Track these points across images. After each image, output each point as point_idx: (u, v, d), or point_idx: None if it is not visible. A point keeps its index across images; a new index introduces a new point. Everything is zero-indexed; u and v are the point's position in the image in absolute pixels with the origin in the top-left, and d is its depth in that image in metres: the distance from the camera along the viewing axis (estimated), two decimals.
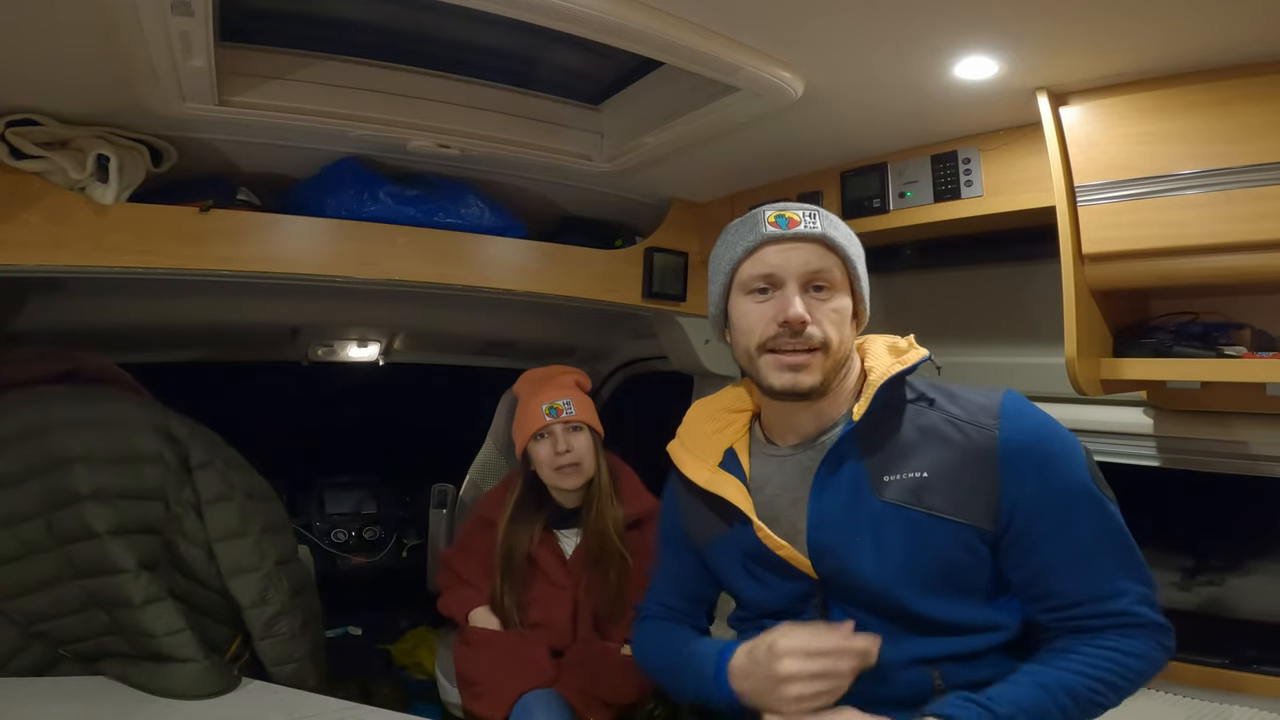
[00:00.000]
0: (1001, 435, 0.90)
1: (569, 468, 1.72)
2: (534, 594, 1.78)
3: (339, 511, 2.95)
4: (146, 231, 1.51)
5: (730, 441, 1.08)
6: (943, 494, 0.90)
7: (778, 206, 0.97)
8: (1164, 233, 1.19)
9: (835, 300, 0.95)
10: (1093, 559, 0.89)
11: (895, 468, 0.93)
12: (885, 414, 0.95)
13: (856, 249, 0.99)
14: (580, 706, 1.65)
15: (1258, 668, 1.35)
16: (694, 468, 1.08)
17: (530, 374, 1.90)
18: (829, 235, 0.95)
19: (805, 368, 0.93)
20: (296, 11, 1.42)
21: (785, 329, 0.92)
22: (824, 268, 0.94)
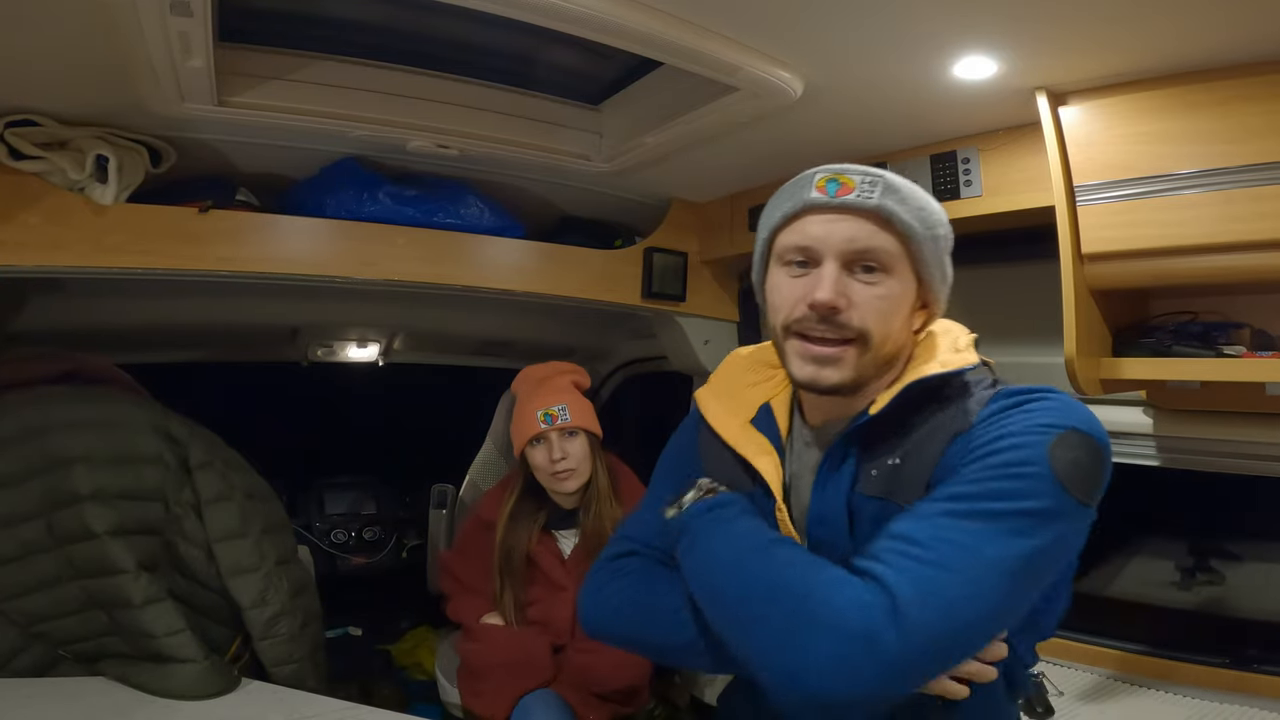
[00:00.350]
0: (981, 414, 0.78)
1: (565, 473, 1.73)
2: (533, 594, 1.78)
3: (339, 512, 2.95)
4: (146, 232, 1.51)
5: (769, 396, 0.95)
6: (899, 480, 0.81)
7: (835, 168, 0.82)
8: (1163, 232, 1.19)
9: (886, 285, 0.80)
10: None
11: (881, 457, 0.83)
12: (904, 412, 0.82)
13: (927, 227, 0.82)
14: (579, 706, 1.65)
15: (1258, 667, 1.35)
16: (723, 419, 0.95)
17: (528, 372, 1.89)
18: (887, 207, 0.79)
19: (834, 361, 0.80)
20: (295, 12, 1.42)
21: (813, 313, 0.79)
22: (874, 246, 0.79)
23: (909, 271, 0.82)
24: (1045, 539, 0.72)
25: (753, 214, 1.95)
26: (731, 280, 2.20)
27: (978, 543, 0.71)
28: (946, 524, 0.72)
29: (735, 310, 2.21)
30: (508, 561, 1.77)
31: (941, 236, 0.84)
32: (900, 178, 0.82)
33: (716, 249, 2.08)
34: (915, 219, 0.81)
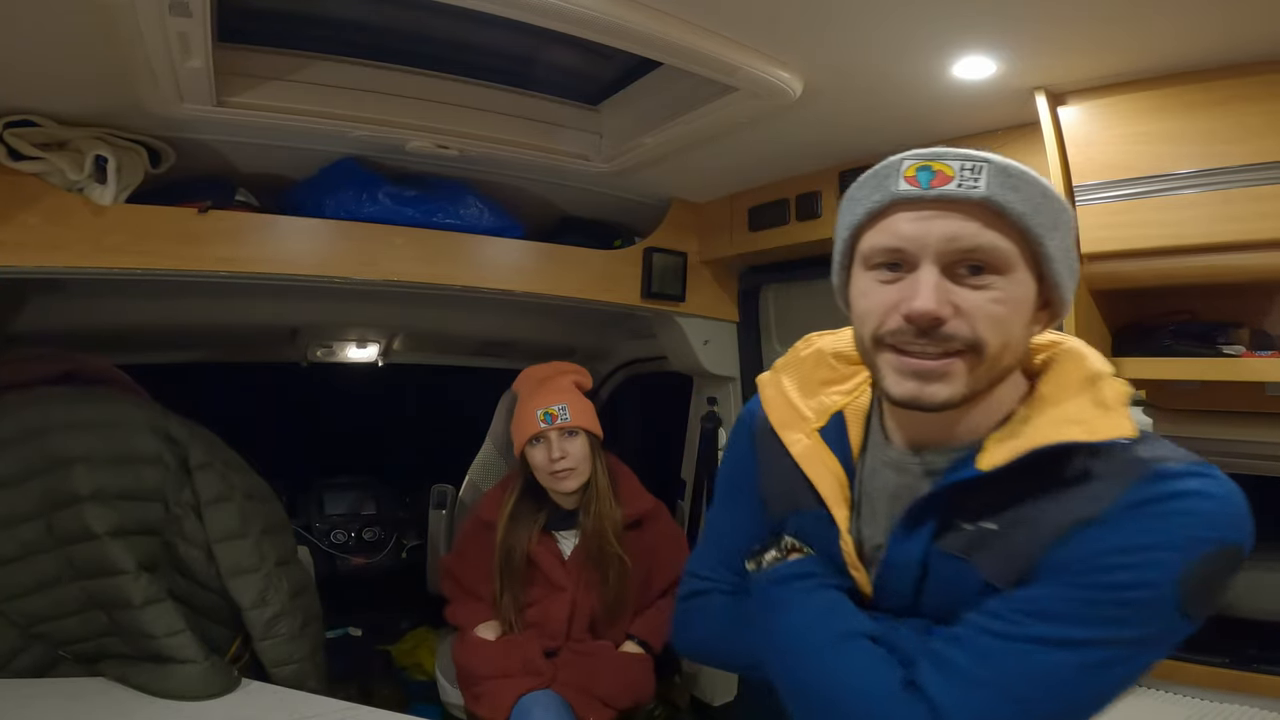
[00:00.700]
0: (1115, 501, 0.64)
1: (564, 473, 1.73)
2: (532, 594, 1.78)
3: (338, 512, 2.95)
4: (145, 232, 1.51)
5: (843, 403, 0.83)
6: (994, 552, 0.69)
7: (926, 152, 0.70)
8: (1162, 232, 1.19)
9: (1000, 288, 0.67)
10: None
11: (976, 515, 0.71)
12: (1019, 472, 0.68)
13: (1049, 216, 0.68)
14: (579, 706, 1.65)
15: (1258, 667, 1.35)
16: (789, 425, 0.84)
17: (530, 372, 1.90)
18: (996, 199, 0.66)
19: (940, 376, 0.67)
20: (295, 12, 1.42)
21: (910, 325, 0.67)
22: (982, 244, 0.66)
23: (1027, 270, 0.68)
24: (1137, 667, 0.64)
25: (752, 214, 1.95)
26: (731, 280, 2.20)
27: (1061, 682, 0.63)
28: (1031, 653, 0.64)
29: (735, 310, 2.21)
30: (507, 562, 1.77)
31: (1066, 223, 0.71)
32: (1009, 159, 0.69)
33: (716, 249, 2.08)
34: (1032, 208, 0.67)
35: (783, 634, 0.78)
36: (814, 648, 0.74)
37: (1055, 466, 0.68)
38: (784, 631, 0.78)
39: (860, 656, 0.72)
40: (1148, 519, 0.63)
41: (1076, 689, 0.64)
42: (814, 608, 0.77)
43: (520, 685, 1.65)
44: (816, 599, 0.77)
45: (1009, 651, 0.64)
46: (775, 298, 2.21)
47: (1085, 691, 0.64)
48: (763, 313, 2.22)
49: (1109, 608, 0.63)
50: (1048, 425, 0.69)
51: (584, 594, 1.75)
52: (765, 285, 2.19)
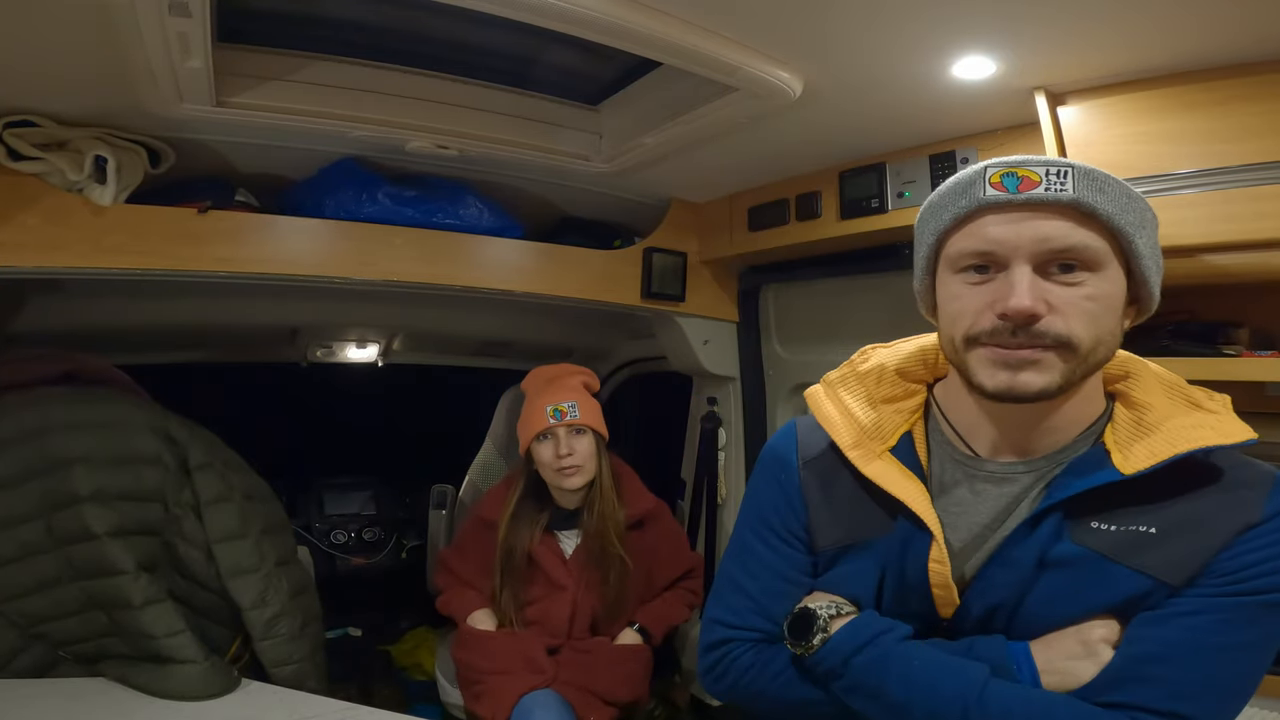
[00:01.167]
0: (1266, 511, 0.71)
1: (570, 470, 1.73)
2: (533, 593, 1.79)
3: (338, 512, 2.95)
4: (145, 233, 1.51)
5: (909, 423, 0.84)
6: (1160, 552, 0.72)
7: (1009, 160, 0.72)
8: (1162, 232, 1.17)
9: (1092, 285, 0.70)
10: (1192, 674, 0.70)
11: (1111, 519, 0.73)
12: (1155, 475, 0.72)
13: (1136, 215, 0.72)
14: (580, 706, 1.65)
15: None
16: (859, 444, 0.83)
17: (539, 371, 1.91)
18: (1086, 200, 0.69)
19: (1034, 364, 0.70)
20: (294, 12, 1.42)
21: (1005, 322, 0.70)
22: (1074, 245, 0.70)
23: (1118, 267, 0.72)
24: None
25: (752, 214, 1.95)
26: (731, 280, 2.20)
27: (1250, 678, 0.72)
28: (1233, 661, 0.72)
29: (734, 310, 2.21)
30: (509, 560, 1.78)
31: (1151, 220, 0.74)
32: (1089, 166, 0.71)
33: (716, 249, 2.08)
34: (1119, 207, 0.71)
35: (906, 703, 0.75)
36: (956, 706, 0.73)
37: (1185, 470, 0.73)
38: (906, 700, 0.75)
39: (1012, 698, 0.72)
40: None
41: (1257, 679, 0.72)
42: (920, 665, 0.76)
43: (521, 684, 1.65)
44: (916, 655, 0.77)
45: (1215, 661, 0.70)
46: (775, 298, 2.21)
47: (1258, 679, 0.73)
48: (763, 313, 2.22)
49: (1275, 609, 0.71)
50: (1179, 430, 0.73)
51: (585, 593, 1.76)
52: (765, 285, 2.19)
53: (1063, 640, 0.75)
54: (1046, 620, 0.76)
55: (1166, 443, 0.72)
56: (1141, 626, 0.72)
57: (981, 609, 0.78)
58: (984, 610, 0.78)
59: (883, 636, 0.78)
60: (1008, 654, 0.75)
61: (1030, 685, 0.73)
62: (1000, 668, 0.74)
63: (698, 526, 2.31)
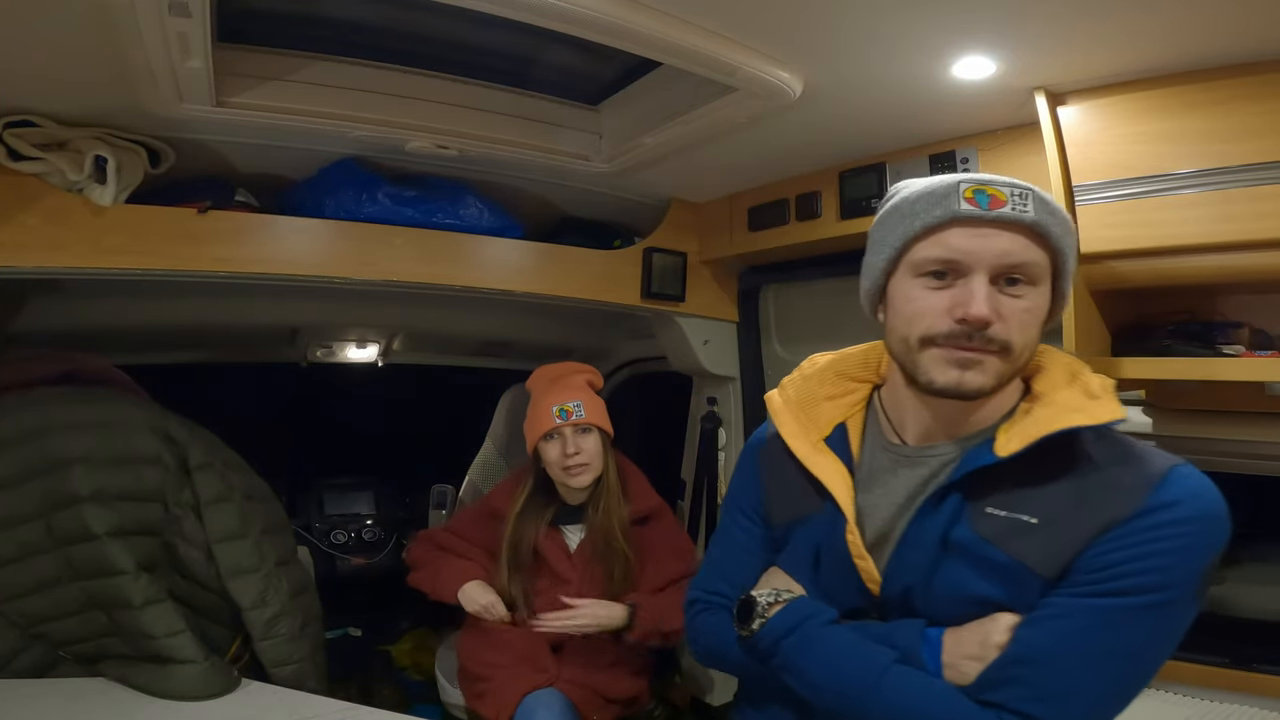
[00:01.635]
0: (1138, 507, 0.75)
1: (577, 469, 1.75)
2: (538, 586, 1.80)
3: (338, 513, 2.94)
4: (144, 233, 1.51)
5: (844, 416, 0.94)
6: (1036, 542, 0.78)
7: (979, 178, 0.80)
8: (1162, 232, 1.19)
9: (1030, 298, 0.80)
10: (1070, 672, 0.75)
11: (1004, 504, 0.80)
12: (1031, 458, 0.79)
13: (1070, 238, 0.82)
14: (582, 705, 1.65)
15: (1258, 666, 1.35)
16: (796, 435, 0.94)
17: (543, 371, 1.91)
18: (1043, 222, 0.78)
19: (978, 365, 0.79)
20: (294, 12, 1.42)
21: (962, 327, 0.78)
22: (1026, 261, 0.78)
23: (1049, 283, 0.82)
24: (1167, 651, 0.77)
25: (752, 214, 1.95)
26: (731, 280, 2.20)
27: (1124, 682, 0.76)
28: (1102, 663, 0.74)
29: (735, 310, 2.21)
30: (515, 553, 1.79)
31: (1076, 250, 0.84)
32: (1041, 190, 0.81)
33: (716, 249, 2.08)
34: (1065, 232, 0.81)
35: (818, 683, 0.85)
36: (857, 688, 0.81)
37: (1070, 457, 0.79)
38: (818, 680, 0.85)
39: (907, 686, 0.80)
40: (1177, 525, 0.74)
41: (1131, 684, 0.76)
42: (837, 646, 0.84)
43: (525, 683, 1.65)
44: (835, 641, 0.85)
45: (1078, 665, 0.74)
46: (775, 298, 2.21)
47: (1134, 684, 0.77)
48: (762, 313, 2.22)
49: (1146, 611, 0.74)
50: (1051, 414, 0.79)
51: (589, 588, 1.77)
52: (765, 285, 2.19)
53: (969, 635, 0.80)
54: (951, 602, 0.82)
55: (1037, 426, 0.79)
56: (1021, 627, 0.77)
57: (898, 587, 0.85)
58: (900, 588, 0.85)
59: (808, 622, 0.86)
60: (921, 641, 0.82)
61: (933, 674, 0.80)
62: (911, 654, 0.81)
63: (698, 526, 2.31)
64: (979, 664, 0.78)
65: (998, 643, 0.78)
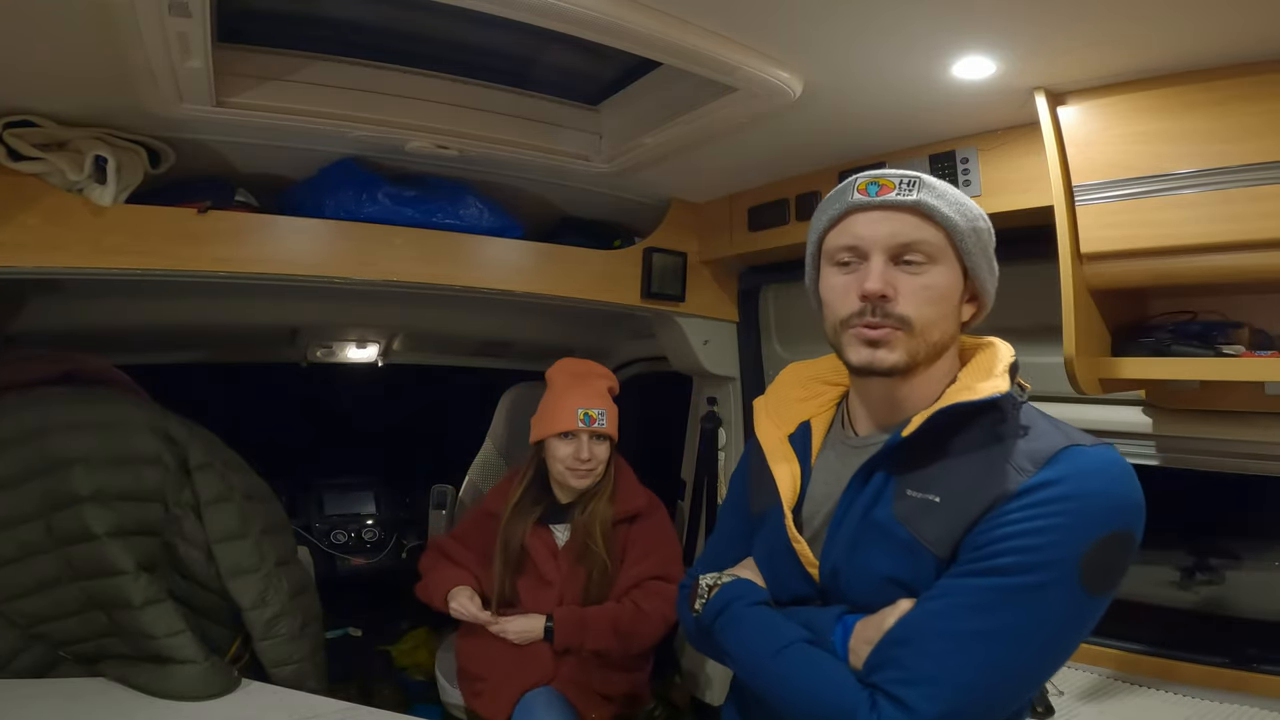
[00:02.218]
0: (1023, 484, 0.77)
1: (584, 472, 1.76)
2: (524, 584, 1.79)
3: (338, 513, 2.95)
4: (144, 233, 1.51)
5: (811, 414, 1.01)
6: (935, 520, 0.81)
7: (874, 173, 0.88)
8: (1162, 232, 1.19)
9: (929, 274, 0.85)
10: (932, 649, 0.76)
11: (919, 484, 0.84)
12: (936, 435, 0.84)
13: (968, 221, 0.86)
14: (579, 703, 1.65)
15: (1258, 666, 1.35)
16: (767, 431, 1.02)
17: (567, 364, 1.90)
18: (926, 203, 0.84)
19: (885, 343, 0.84)
20: (294, 12, 1.42)
21: (864, 303, 0.84)
22: (917, 239, 0.84)
23: (954, 262, 0.86)
24: (1054, 636, 0.77)
25: (752, 214, 1.95)
26: (731, 280, 2.20)
27: (998, 664, 0.75)
28: (971, 648, 0.75)
29: (734, 310, 2.21)
30: (506, 549, 1.79)
31: (983, 229, 0.89)
32: (936, 179, 0.87)
33: (716, 249, 2.08)
34: (954, 212, 0.86)
35: (736, 656, 0.93)
36: (763, 657, 0.88)
37: (964, 427, 0.84)
38: (735, 654, 0.93)
39: (801, 662, 0.85)
40: (1052, 506, 0.75)
41: (1012, 670, 0.76)
42: (750, 628, 0.91)
43: (521, 682, 1.65)
44: (750, 622, 0.92)
45: (945, 648, 0.75)
46: (775, 298, 2.21)
47: (1016, 670, 0.77)
48: (762, 313, 2.22)
49: (1020, 592, 0.74)
50: (949, 395, 0.85)
51: (571, 588, 1.77)
52: (765, 285, 2.19)
53: (872, 620, 0.83)
54: (865, 582, 0.85)
55: (929, 406, 0.84)
56: (909, 610, 0.80)
57: (829, 569, 0.89)
58: (830, 570, 0.89)
59: (735, 602, 0.94)
60: (833, 625, 0.86)
61: (841, 657, 0.83)
62: (824, 638, 0.86)
63: (698, 526, 2.31)
64: (870, 648, 0.81)
65: (889, 627, 0.80)
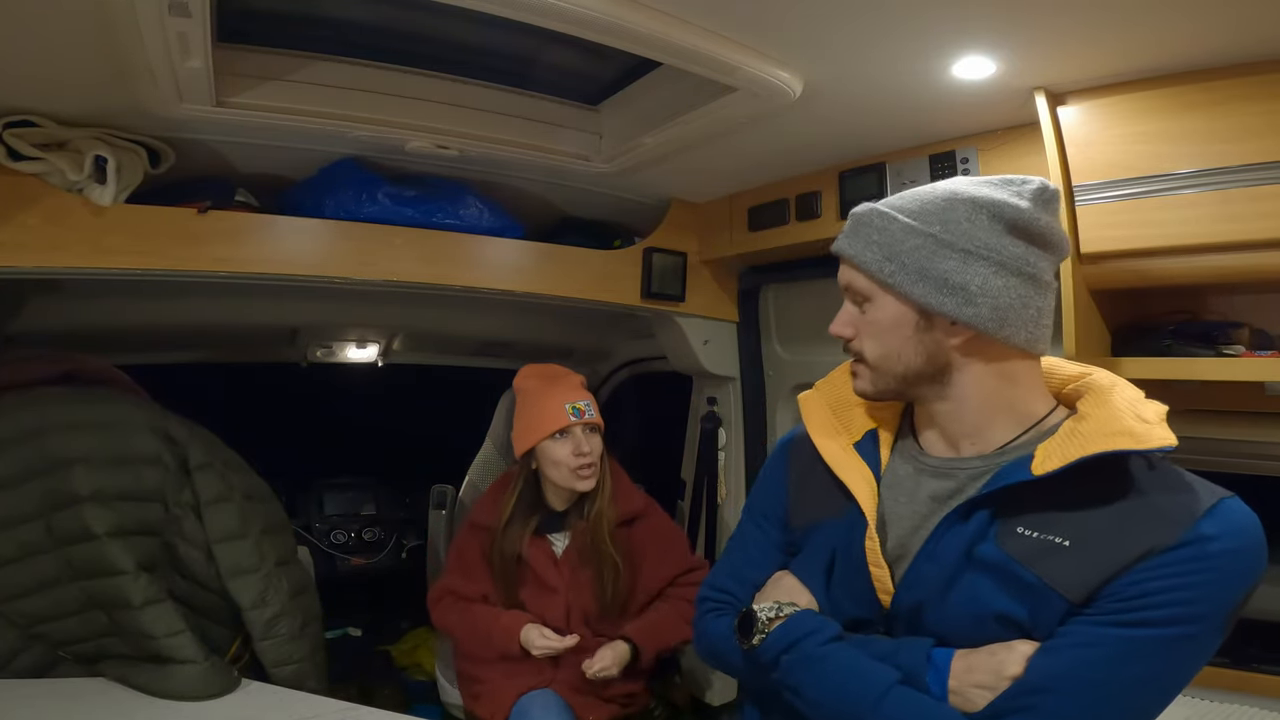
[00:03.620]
0: (1181, 537, 0.72)
1: (587, 469, 1.71)
2: (526, 594, 1.77)
3: (338, 513, 2.95)
4: (144, 233, 1.51)
5: (877, 422, 0.95)
6: (1065, 564, 0.75)
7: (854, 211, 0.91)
8: (1161, 232, 1.19)
9: (870, 313, 0.87)
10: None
11: (1036, 524, 0.77)
12: (1070, 479, 0.76)
13: (884, 250, 0.84)
14: (578, 706, 1.65)
15: (1259, 666, 1.35)
16: (827, 437, 0.96)
17: (534, 369, 1.86)
18: (845, 251, 0.88)
19: (857, 375, 0.91)
20: (294, 12, 1.42)
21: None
22: (848, 283, 0.89)
23: (888, 297, 0.85)
24: (1190, 675, 0.77)
25: (752, 214, 1.95)
26: (731, 280, 2.20)
27: (1144, 710, 0.75)
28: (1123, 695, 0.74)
29: (735, 310, 2.21)
30: (501, 562, 1.76)
31: (912, 249, 0.82)
32: (885, 203, 0.87)
33: (716, 249, 2.08)
34: (868, 248, 0.85)
35: (817, 701, 0.83)
36: (858, 709, 0.79)
37: (1113, 481, 0.76)
38: (817, 699, 0.83)
39: (909, 711, 0.78)
40: (1216, 558, 0.72)
41: (1146, 715, 0.76)
42: (834, 667, 0.83)
43: (520, 684, 1.65)
44: (838, 659, 0.83)
45: (1097, 696, 0.73)
46: (775, 298, 2.21)
47: (1151, 714, 0.77)
48: (762, 313, 2.22)
49: (1175, 643, 0.73)
50: (1097, 436, 0.76)
51: (576, 594, 1.74)
52: (765, 285, 2.19)
53: (981, 662, 0.78)
54: (967, 618, 0.80)
55: (1079, 447, 0.76)
56: (1039, 655, 0.75)
57: (911, 600, 0.83)
58: (913, 601, 0.83)
59: (807, 639, 0.85)
60: (927, 662, 0.79)
61: (937, 697, 0.78)
62: (914, 675, 0.79)
63: (698, 526, 2.31)
64: (989, 693, 0.76)
65: (1012, 674, 0.75)
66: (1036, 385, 0.87)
